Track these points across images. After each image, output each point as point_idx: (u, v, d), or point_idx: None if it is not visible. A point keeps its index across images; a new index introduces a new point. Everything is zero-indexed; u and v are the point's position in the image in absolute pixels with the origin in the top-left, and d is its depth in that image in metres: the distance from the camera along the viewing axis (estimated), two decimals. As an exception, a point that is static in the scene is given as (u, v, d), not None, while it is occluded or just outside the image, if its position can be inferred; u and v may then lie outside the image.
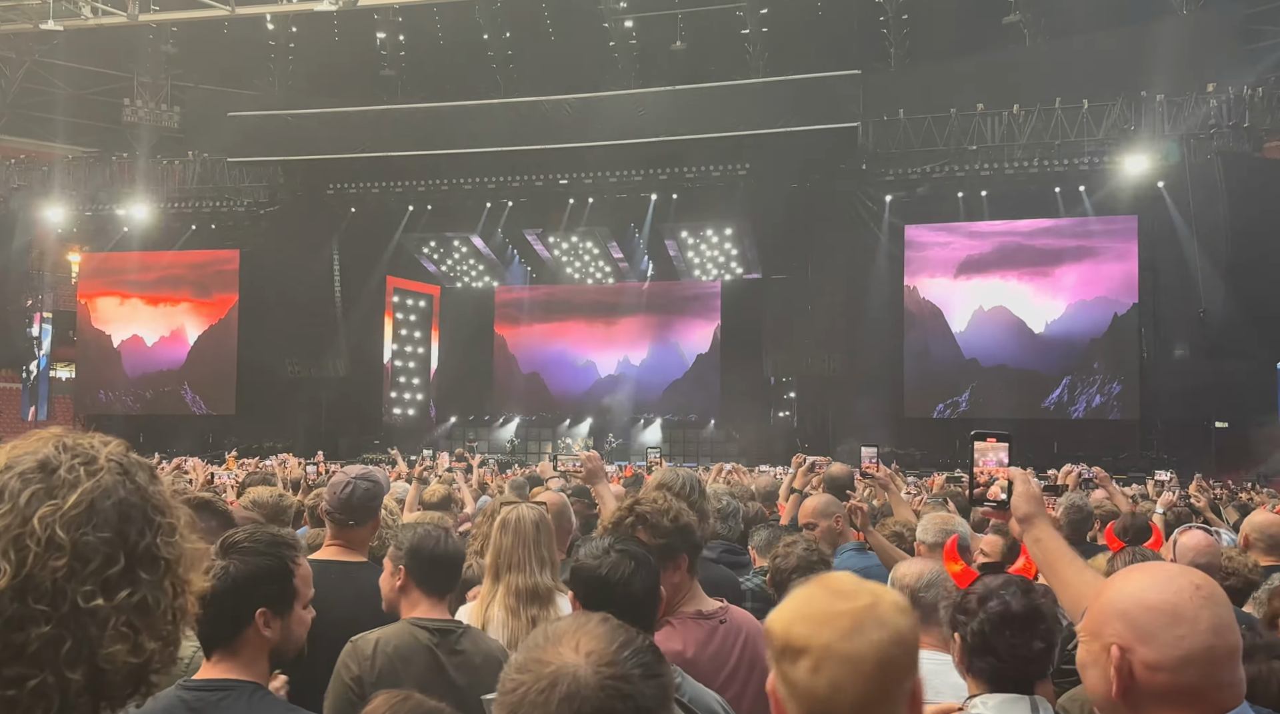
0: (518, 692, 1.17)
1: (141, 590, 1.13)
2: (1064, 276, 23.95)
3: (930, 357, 24.83)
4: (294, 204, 26.93)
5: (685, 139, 23.72)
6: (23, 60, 28.83)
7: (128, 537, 1.14)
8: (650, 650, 1.23)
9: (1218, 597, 1.58)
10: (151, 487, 1.20)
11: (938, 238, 24.95)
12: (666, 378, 29.60)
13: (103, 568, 1.11)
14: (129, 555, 1.13)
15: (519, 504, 3.40)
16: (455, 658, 2.76)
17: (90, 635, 1.08)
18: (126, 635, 1.11)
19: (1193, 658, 1.52)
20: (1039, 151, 22.86)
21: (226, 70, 29.18)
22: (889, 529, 4.83)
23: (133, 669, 1.12)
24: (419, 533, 2.96)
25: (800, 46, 25.68)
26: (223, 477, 9.11)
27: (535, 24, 27.58)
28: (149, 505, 1.18)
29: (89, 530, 1.11)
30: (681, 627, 2.63)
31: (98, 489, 1.14)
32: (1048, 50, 24.65)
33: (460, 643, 2.80)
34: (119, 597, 1.11)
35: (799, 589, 1.45)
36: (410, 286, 30.64)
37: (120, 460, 1.18)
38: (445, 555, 2.91)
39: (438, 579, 2.90)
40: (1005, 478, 2.46)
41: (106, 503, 1.13)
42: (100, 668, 1.09)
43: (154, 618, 1.14)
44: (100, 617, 1.09)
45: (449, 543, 2.95)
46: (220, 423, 27.85)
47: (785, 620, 1.40)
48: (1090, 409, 23.63)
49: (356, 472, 3.52)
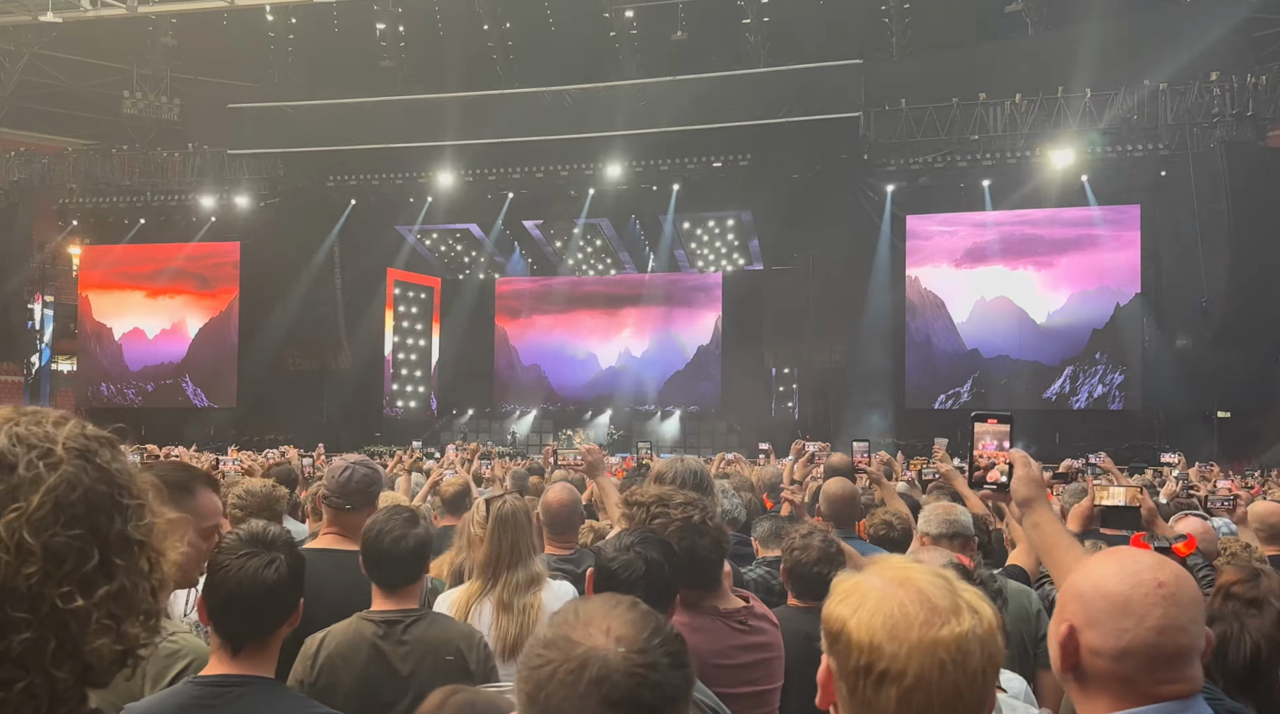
0: (545, 668, 1.16)
1: (119, 579, 1.10)
2: (1066, 266, 23.90)
3: (932, 347, 24.80)
4: (294, 196, 26.91)
5: (686, 130, 23.69)
6: (22, 53, 28.78)
7: (98, 527, 1.10)
8: (678, 640, 1.22)
9: (1181, 597, 1.57)
10: (115, 465, 1.15)
11: (940, 228, 24.90)
12: (668, 369, 29.60)
13: (78, 567, 1.07)
14: (102, 546, 1.10)
15: (506, 497, 3.37)
16: (401, 648, 2.72)
17: (73, 634, 1.06)
18: (109, 628, 1.09)
19: (1132, 652, 1.54)
20: (1042, 141, 22.79)
21: (226, 62, 29.12)
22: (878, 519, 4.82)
23: (118, 654, 1.11)
24: (371, 529, 2.87)
25: (801, 36, 25.59)
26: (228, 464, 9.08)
27: (535, 15, 27.50)
28: (115, 488, 1.13)
29: (58, 530, 1.07)
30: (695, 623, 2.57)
31: (61, 484, 1.09)
32: (1050, 39, 24.54)
33: (408, 632, 2.75)
34: (98, 593, 1.08)
35: (880, 587, 1.28)
36: (411, 279, 30.61)
37: (79, 444, 1.13)
38: (395, 553, 2.81)
39: (384, 574, 2.83)
40: (1005, 461, 2.42)
41: (72, 496, 1.09)
42: (87, 662, 1.08)
43: (134, 601, 1.12)
44: (81, 615, 1.07)
45: (404, 539, 2.82)
46: (221, 415, 27.88)
47: (868, 629, 1.25)
48: (1092, 399, 23.61)
49: (355, 458, 3.53)
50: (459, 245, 30.59)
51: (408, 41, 28.76)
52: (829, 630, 1.31)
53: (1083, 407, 23.65)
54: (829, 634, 1.31)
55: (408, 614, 2.79)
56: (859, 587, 1.30)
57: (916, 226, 24.89)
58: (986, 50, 24.91)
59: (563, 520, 4.32)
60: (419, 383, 31.01)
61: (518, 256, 30.85)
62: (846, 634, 1.27)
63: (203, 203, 27.65)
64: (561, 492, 4.44)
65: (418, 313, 31.08)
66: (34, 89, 29.38)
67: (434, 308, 31.44)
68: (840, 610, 1.29)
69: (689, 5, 26.55)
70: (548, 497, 4.40)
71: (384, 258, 28.57)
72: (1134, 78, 22.03)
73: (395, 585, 2.83)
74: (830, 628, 1.30)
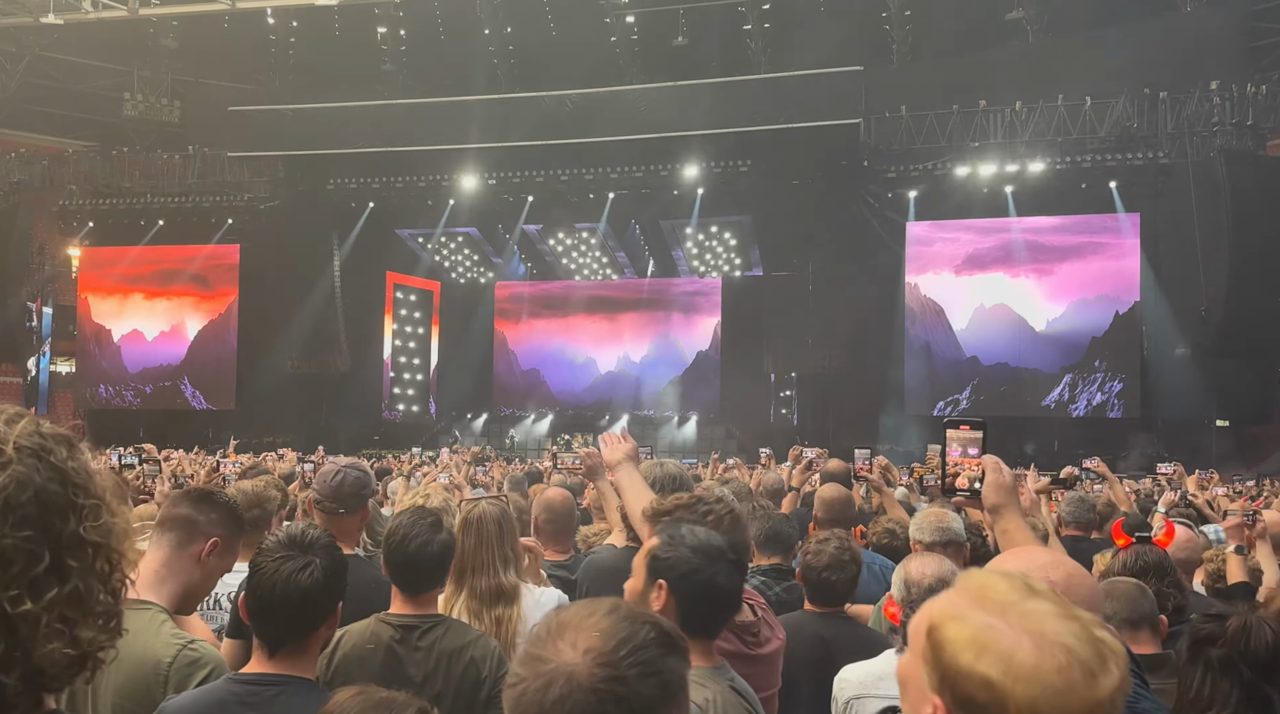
0: (518, 687, 1.17)
1: (72, 581, 1.07)
2: (1066, 274, 23.89)
3: (931, 354, 24.79)
4: (294, 199, 26.91)
5: (687, 135, 23.70)
6: (23, 54, 28.81)
7: (50, 528, 1.07)
8: (655, 645, 1.19)
9: (1072, 595, 1.54)
10: (70, 463, 1.11)
11: (939, 235, 24.90)
12: (667, 374, 29.56)
13: (27, 569, 1.03)
14: (54, 548, 1.06)
15: (479, 501, 3.35)
16: (415, 654, 2.71)
17: (23, 639, 1.03)
18: (61, 632, 1.05)
19: None
20: (1041, 149, 22.81)
21: (227, 65, 29.17)
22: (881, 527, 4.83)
23: (72, 659, 1.07)
24: (396, 532, 2.81)
25: (802, 42, 25.64)
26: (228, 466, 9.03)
27: (536, 19, 27.54)
28: (70, 487, 1.10)
29: (7, 532, 1.03)
30: None
31: (10, 484, 1.05)
32: (1050, 47, 24.61)
33: (424, 639, 2.73)
34: (48, 596, 1.05)
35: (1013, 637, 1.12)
36: (410, 282, 30.60)
37: (31, 443, 1.09)
38: (420, 558, 2.76)
39: (406, 577, 2.79)
40: (977, 467, 2.43)
41: (23, 497, 1.05)
42: (38, 667, 1.04)
43: (89, 604, 1.09)
44: (31, 619, 1.03)
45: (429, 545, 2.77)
46: (220, 418, 27.82)
47: (1030, 702, 1.09)
48: (1091, 407, 23.59)
49: (346, 461, 3.52)
50: (459, 249, 30.57)
51: (409, 45, 28.81)
52: (969, 692, 1.13)
53: (1081, 414, 23.63)
54: (969, 697, 1.13)
55: (425, 620, 2.77)
56: (989, 638, 1.13)
57: (916, 233, 24.89)
58: (987, 58, 24.97)
59: (558, 524, 4.31)
60: (417, 387, 30.99)
61: (517, 260, 30.86)
62: (1003, 705, 1.10)
63: (203, 205, 27.64)
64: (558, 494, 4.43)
65: (417, 316, 31.07)
66: (35, 90, 29.40)
67: (433, 311, 31.42)
68: (983, 670, 1.12)
69: (690, 11, 26.61)
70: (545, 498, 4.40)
71: (384, 261, 28.55)
72: (1134, 86, 22.06)
73: (418, 590, 2.81)
74: (972, 692, 1.12)
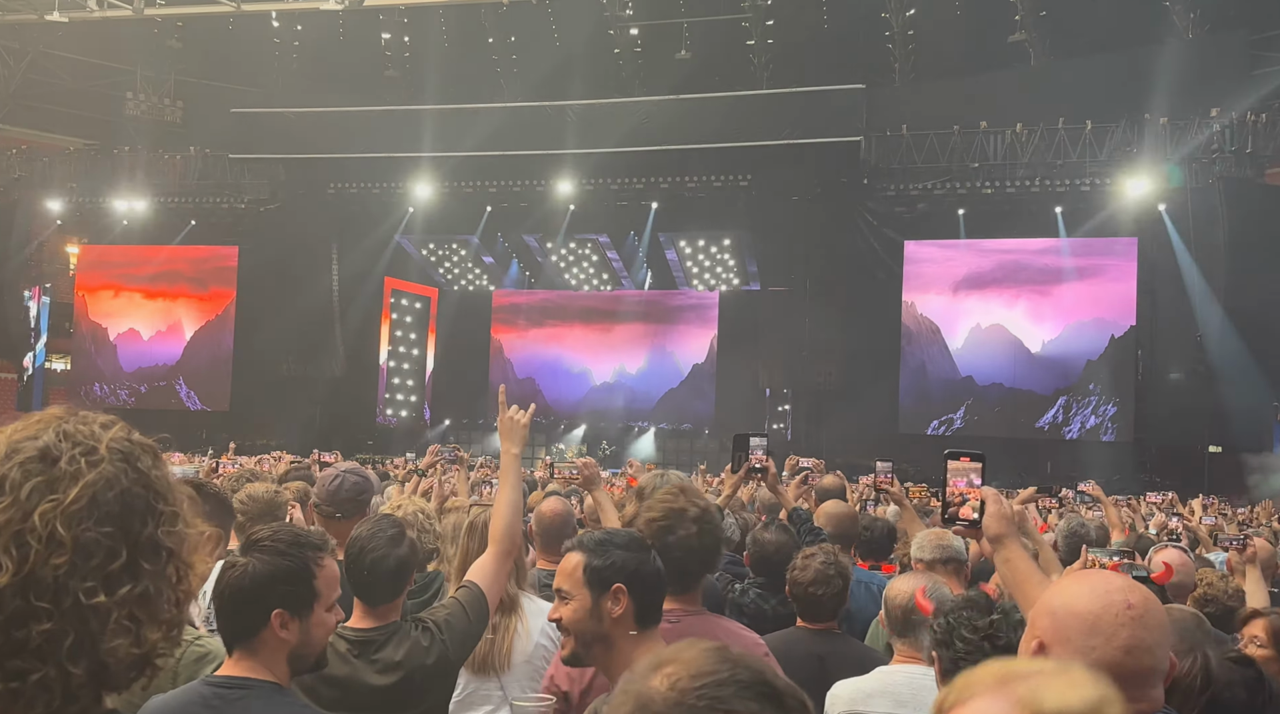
0: (605, 708, 1.18)
1: (144, 582, 1.13)
2: (1062, 297, 23.95)
3: (926, 373, 24.82)
4: (294, 202, 26.91)
5: (687, 148, 23.77)
6: (26, 51, 28.83)
7: (130, 528, 1.14)
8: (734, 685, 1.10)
9: (1149, 620, 1.63)
10: (155, 471, 1.19)
11: (937, 254, 24.96)
12: (662, 387, 29.56)
13: (105, 563, 1.10)
14: (131, 547, 1.13)
15: (488, 508, 3.36)
16: (374, 664, 2.68)
17: (92, 630, 1.09)
18: (128, 629, 1.11)
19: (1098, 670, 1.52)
20: (1041, 171, 22.88)
21: (230, 66, 29.19)
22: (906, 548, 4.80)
23: (135, 659, 1.13)
24: (355, 543, 2.76)
25: (805, 59, 25.73)
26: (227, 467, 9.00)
27: (540, 29, 27.61)
28: (152, 493, 1.17)
29: (90, 526, 1.10)
30: None
31: (99, 481, 1.12)
32: (1052, 70, 24.70)
33: (380, 652, 2.69)
34: (120, 592, 1.11)
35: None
36: (408, 288, 30.59)
37: (122, 447, 1.17)
38: (376, 572, 2.73)
39: (363, 589, 2.75)
40: (977, 498, 2.49)
41: (109, 495, 1.12)
42: (103, 661, 1.10)
43: (156, 607, 1.15)
44: (102, 612, 1.09)
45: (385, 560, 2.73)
46: (214, 419, 27.77)
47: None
48: (1085, 430, 23.61)
49: (345, 466, 3.52)
50: (457, 256, 30.58)
51: (412, 52, 28.86)
52: None
53: (1075, 437, 23.66)
54: None
55: (378, 633, 2.73)
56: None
57: (914, 252, 24.94)
58: (989, 79, 25.06)
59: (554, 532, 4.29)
60: (412, 392, 30.94)
61: (515, 269, 30.88)
62: None
63: (203, 206, 27.63)
64: (555, 502, 4.41)
65: (413, 322, 31.04)
66: (37, 88, 29.41)
67: (430, 318, 31.41)
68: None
69: (694, 25, 26.70)
70: (541, 507, 4.38)
71: (382, 266, 28.54)
72: (1134, 111, 22.16)
73: (376, 602, 2.78)
74: None
